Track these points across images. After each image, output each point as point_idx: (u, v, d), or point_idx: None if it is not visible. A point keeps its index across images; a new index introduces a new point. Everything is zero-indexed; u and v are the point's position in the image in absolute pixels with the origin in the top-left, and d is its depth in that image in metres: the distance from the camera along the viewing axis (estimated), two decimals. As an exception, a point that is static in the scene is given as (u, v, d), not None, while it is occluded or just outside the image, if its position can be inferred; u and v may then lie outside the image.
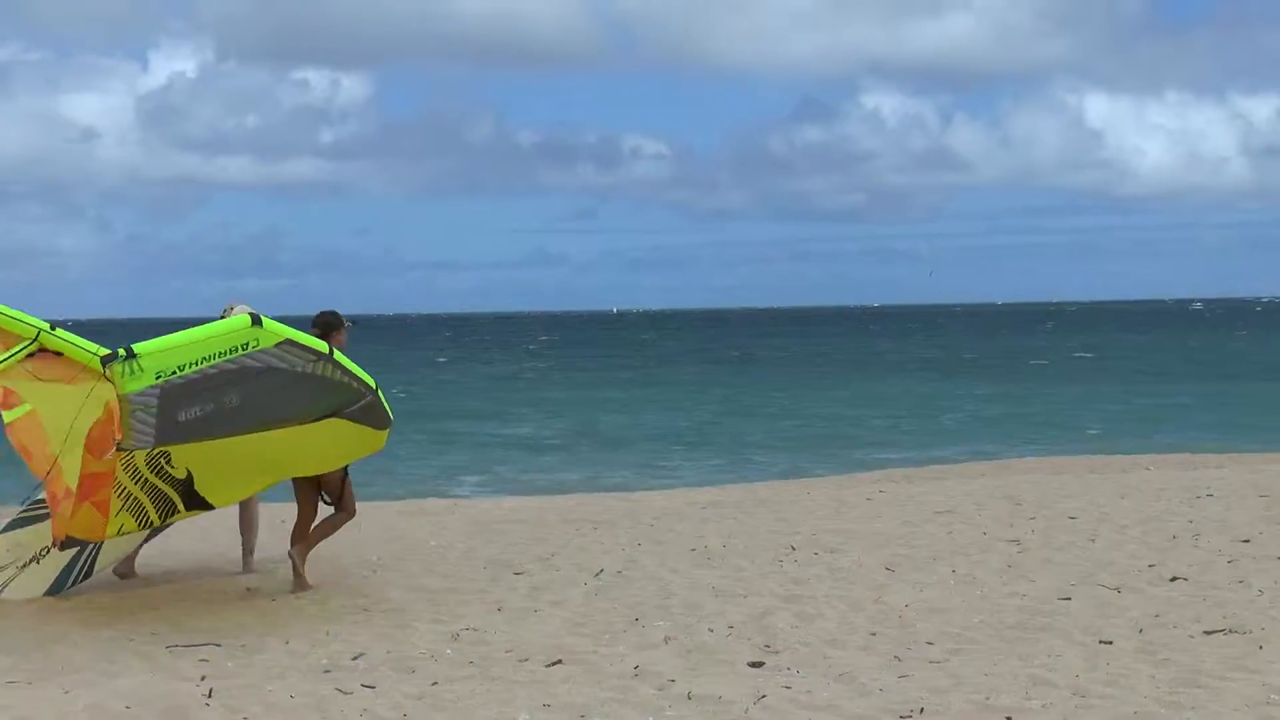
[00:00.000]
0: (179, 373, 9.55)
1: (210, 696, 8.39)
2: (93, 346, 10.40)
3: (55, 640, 9.95)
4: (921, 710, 8.06)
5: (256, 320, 9.74)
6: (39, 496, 11.35)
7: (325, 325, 11.42)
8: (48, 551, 11.43)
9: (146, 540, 12.11)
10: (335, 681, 8.73)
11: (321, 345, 10.16)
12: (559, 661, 9.21)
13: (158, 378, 9.52)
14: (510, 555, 13.18)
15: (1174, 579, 11.66)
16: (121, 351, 9.36)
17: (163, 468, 11.07)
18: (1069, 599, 10.97)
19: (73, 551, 11.48)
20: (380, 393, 10.65)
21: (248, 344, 9.71)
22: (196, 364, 9.61)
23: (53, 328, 10.64)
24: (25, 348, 10.56)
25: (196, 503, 11.46)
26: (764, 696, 8.34)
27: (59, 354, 10.51)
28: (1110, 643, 9.58)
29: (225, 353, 9.66)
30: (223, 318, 11.54)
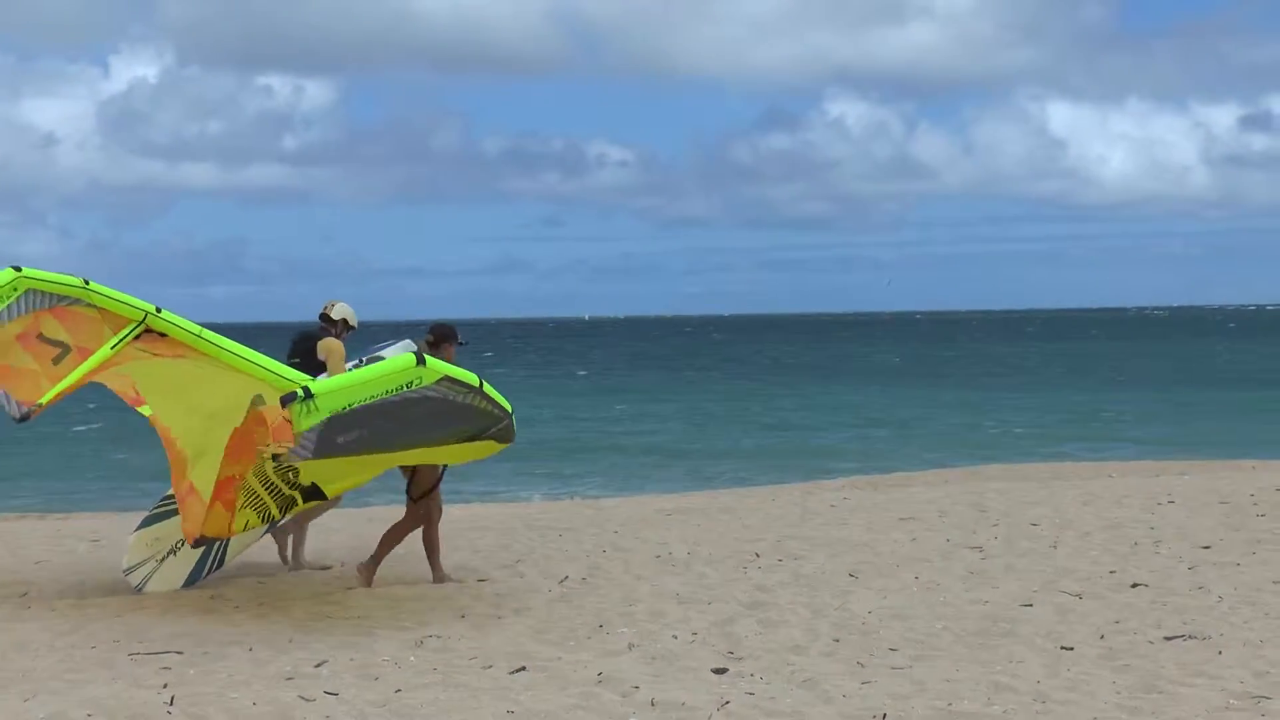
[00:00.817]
0: (347, 408, 10.19)
1: (172, 704, 8.34)
2: (194, 327, 11.26)
3: (15, 648, 9.88)
4: (884, 716, 8.07)
5: (420, 359, 10.39)
6: (170, 491, 11.96)
7: (441, 336, 12.02)
8: (183, 544, 11.97)
9: (266, 531, 12.48)
10: (298, 689, 8.69)
11: (472, 378, 10.68)
12: (523, 668, 9.19)
13: (329, 413, 10.15)
14: (475, 562, 13.15)
15: (1135, 585, 11.69)
16: (300, 392, 9.97)
17: (291, 479, 11.51)
18: (1031, 605, 10.99)
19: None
20: (513, 415, 11.18)
21: (411, 382, 10.37)
22: (364, 400, 10.26)
23: (158, 310, 11.31)
24: (134, 330, 11.27)
25: (314, 495, 11.89)
26: (727, 703, 8.34)
27: (163, 335, 11.28)
28: (1071, 649, 9.61)
29: (391, 390, 10.32)
30: (322, 316, 12.80)
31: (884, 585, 11.85)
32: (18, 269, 11.26)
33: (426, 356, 10.46)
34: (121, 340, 11.27)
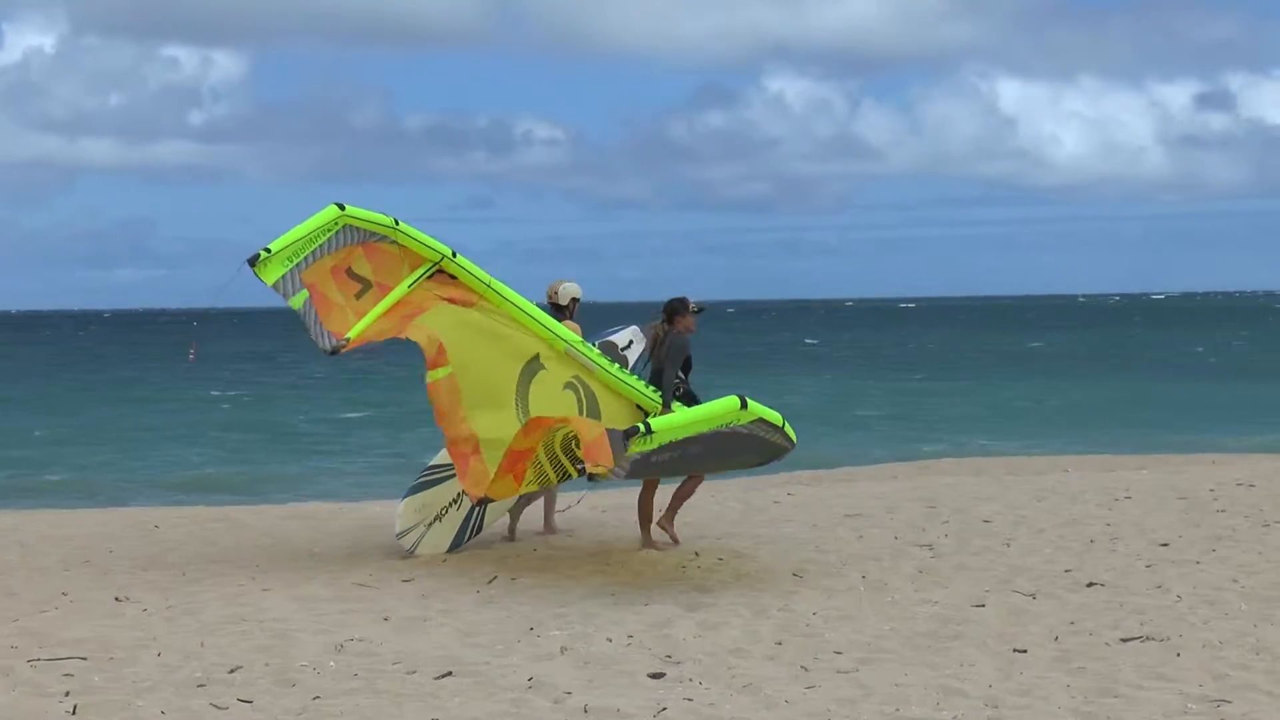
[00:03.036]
0: (673, 440, 11.12)
1: (75, 713, 8.15)
2: (485, 276, 12.68)
3: (-91, 654, 9.49)
4: (829, 724, 7.92)
5: (744, 404, 11.21)
6: (434, 461, 13.12)
7: (672, 310, 13.01)
8: (447, 511, 13.04)
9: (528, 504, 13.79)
10: (210, 696, 8.48)
11: (777, 418, 11.49)
12: (449, 673, 9.00)
13: (659, 445, 11.03)
14: (399, 560, 12.84)
15: (1091, 584, 11.63)
16: (641, 428, 10.81)
17: (575, 453, 12.13)
18: (983, 606, 10.90)
19: (466, 510, 13.11)
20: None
21: (731, 423, 11.29)
22: (689, 434, 11.17)
23: (454, 254, 12.64)
24: (428, 270, 12.56)
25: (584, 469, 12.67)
26: (664, 709, 8.21)
27: (453, 278, 12.62)
28: (1025, 651, 9.54)
29: (713, 427, 11.25)
30: (550, 298, 13.66)
31: (829, 585, 11.69)
32: (341, 207, 12.24)
33: (750, 400, 11.21)
34: (416, 279, 12.42)
